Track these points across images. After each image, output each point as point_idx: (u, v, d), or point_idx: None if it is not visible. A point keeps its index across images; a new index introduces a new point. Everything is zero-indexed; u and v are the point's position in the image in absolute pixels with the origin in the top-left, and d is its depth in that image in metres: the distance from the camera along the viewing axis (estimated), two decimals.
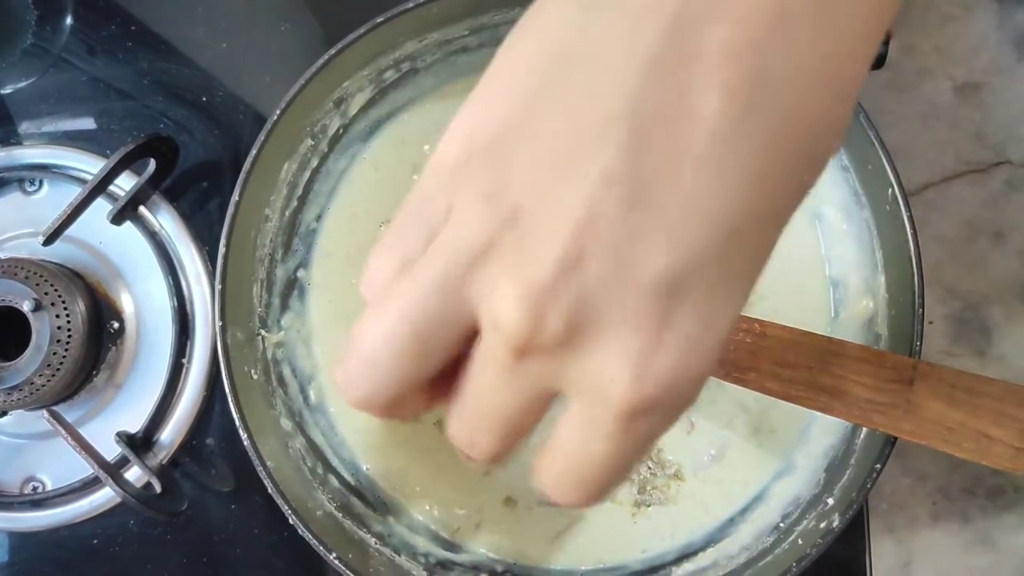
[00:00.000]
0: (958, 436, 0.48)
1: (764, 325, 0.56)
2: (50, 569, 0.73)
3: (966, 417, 0.47)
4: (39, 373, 0.66)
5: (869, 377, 0.51)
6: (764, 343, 0.55)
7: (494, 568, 0.66)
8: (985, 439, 0.47)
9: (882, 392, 0.50)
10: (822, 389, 0.53)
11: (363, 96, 0.66)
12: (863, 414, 0.52)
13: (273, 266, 0.67)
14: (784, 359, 0.54)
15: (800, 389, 0.53)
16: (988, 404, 0.47)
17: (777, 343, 0.55)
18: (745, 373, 0.55)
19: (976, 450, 0.47)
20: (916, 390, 0.49)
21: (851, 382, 0.52)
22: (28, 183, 0.75)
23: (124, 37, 0.77)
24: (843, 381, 0.52)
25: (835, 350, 0.53)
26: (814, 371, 0.53)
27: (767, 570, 0.58)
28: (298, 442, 0.65)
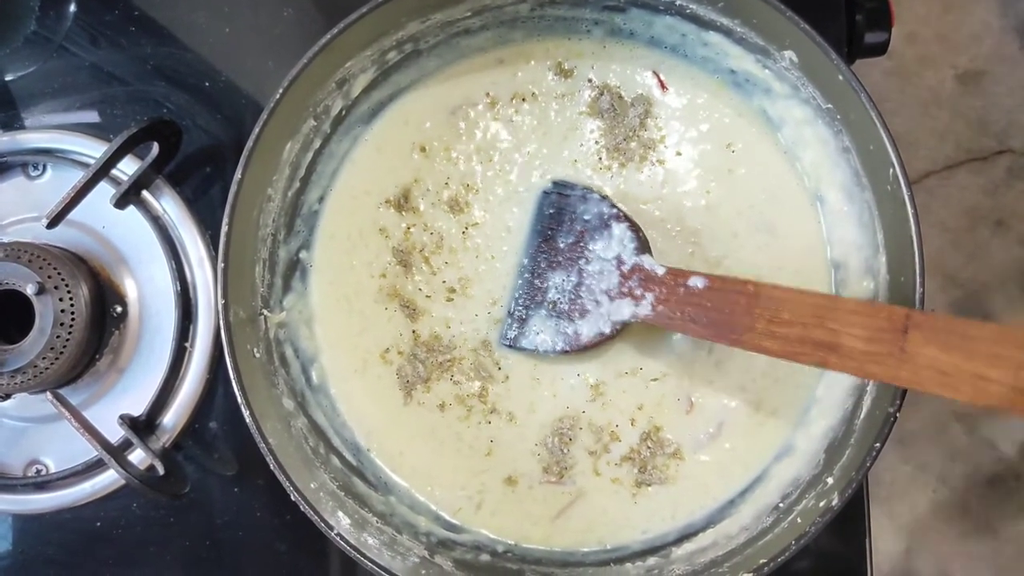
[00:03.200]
0: (954, 380, 0.48)
1: (757, 286, 0.56)
2: (54, 551, 0.74)
3: (961, 361, 0.48)
4: (42, 356, 0.67)
5: (863, 328, 0.52)
6: (758, 303, 0.56)
7: (495, 548, 0.66)
8: (981, 381, 0.47)
9: (877, 342, 0.51)
10: (818, 344, 0.53)
11: (366, 77, 0.67)
12: (859, 365, 0.52)
13: (275, 246, 0.67)
14: (779, 317, 0.55)
15: (796, 346, 0.54)
16: (983, 347, 0.47)
17: (771, 302, 0.55)
18: (741, 335, 0.56)
19: (973, 392, 0.47)
20: (910, 338, 0.50)
21: (846, 335, 0.52)
22: (32, 168, 0.75)
23: (126, 23, 0.77)
24: (838, 334, 0.52)
25: (829, 304, 0.54)
26: (809, 327, 0.53)
27: (767, 549, 0.58)
28: (300, 422, 0.65)
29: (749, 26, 0.61)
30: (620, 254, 0.63)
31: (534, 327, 0.66)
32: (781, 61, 0.61)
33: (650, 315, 0.61)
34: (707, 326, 0.58)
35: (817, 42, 0.57)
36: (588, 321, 0.64)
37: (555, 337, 0.65)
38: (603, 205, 0.64)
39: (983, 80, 0.84)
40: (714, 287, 0.58)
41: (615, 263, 0.63)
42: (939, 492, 0.86)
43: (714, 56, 0.65)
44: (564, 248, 0.65)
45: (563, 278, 0.65)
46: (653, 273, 0.61)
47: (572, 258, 0.65)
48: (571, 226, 0.65)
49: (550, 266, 0.66)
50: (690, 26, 0.64)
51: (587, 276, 0.64)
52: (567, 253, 0.65)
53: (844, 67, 0.56)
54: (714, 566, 0.61)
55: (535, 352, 0.67)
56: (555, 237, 0.66)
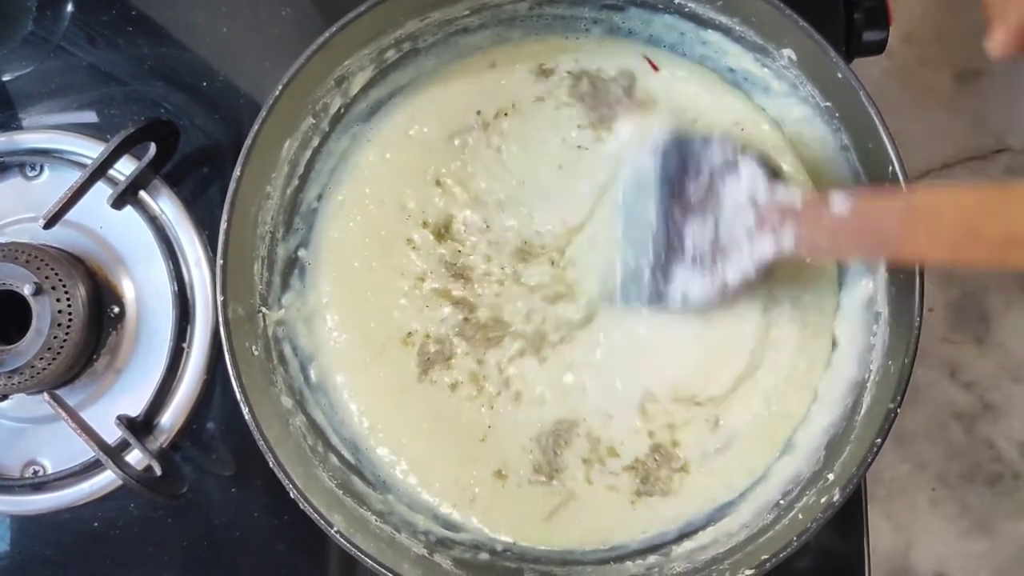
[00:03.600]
0: None
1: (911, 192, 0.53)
2: (51, 552, 0.74)
3: None
4: (40, 356, 0.67)
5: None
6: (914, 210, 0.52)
7: (494, 547, 0.66)
8: None
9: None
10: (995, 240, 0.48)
11: (364, 75, 0.67)
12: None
13: (274, 244, 0.67)
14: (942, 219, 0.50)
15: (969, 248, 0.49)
16: None
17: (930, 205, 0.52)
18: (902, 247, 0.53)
19: None
20: None
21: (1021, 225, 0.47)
22: (29, 168, 0.75)
23: (124, 23, 0.77)
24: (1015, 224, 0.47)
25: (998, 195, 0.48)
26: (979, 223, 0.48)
27: (768, 545, 0.58)
28: (298, 420, 0.65)
29: (748, 24, 0.61)
30: (753, 191, 0.60)
31: (678, 281, 0.63)
32: (780, 59, 0.61)
33: (795, 247, 0.58)
34: (860, 247, 0.56)
35: (816, 40, 0.57)
36: (732, 265, 0.61)
37: (703, 287, 0.62)
38: (726, 146, 0.61)
39: (981, 79, 0.85)
40: (860, 207, 0.54)
41: (750, 202, 0.60)
42: (938, 491, 0.86)
43: (712, 54, 0.65)
44: (695, 196, 0.62)
45: (699, 226, 0.62)
46: (791, 204, 0.58)
47: (705, 204, 0.62)
48: (698, 173, 0.62)
49: (684, 216, 0.62)
50: (689, 24, 0.64)
51: (724, 220, 0.61)
52: (700, 200, 0.62)
53: (843, 65, 0.56)
54: (715, 563, 0.61)
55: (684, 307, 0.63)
56: (685, 186, 0.63)
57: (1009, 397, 0.85)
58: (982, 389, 0.85)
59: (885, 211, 0.53)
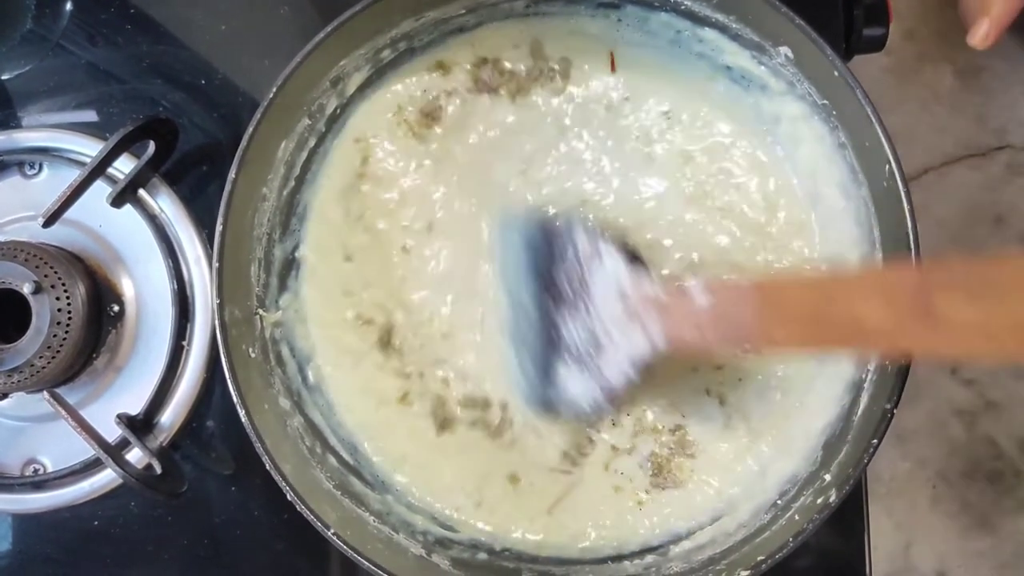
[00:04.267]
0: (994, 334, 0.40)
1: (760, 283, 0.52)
2: (52, 550, 0.74)
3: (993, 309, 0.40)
4: (39, 355, 0.67)
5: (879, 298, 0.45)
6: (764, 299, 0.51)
7: (492, 547, 0.66)
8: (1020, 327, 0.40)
9: (899, 309, 0.44)
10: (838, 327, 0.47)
11: (360, 76, 0.66)
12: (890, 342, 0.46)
13: (271, 246, 0.67)
14: (787, 309, 0.50)
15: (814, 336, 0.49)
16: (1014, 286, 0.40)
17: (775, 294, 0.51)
18: (758, 339, 0.51)
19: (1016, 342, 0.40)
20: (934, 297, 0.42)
21: (864, 309, 0.46)
22: (28, 166, 0.75)
23: (122, 21, 0.77)
24: (855, 310, 0.46)
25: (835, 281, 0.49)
26: (821, 311, 0.48)
27: (765, 546, 0.58)
28: (296, 421, 0.65)
29: (745, 22, 0.61)
30: (619, 281, 0.56)
31: (561, 383, 0.59)
32: (777, 57, 0.61)
33: (666, 343, 0.55)
34: (722, 338, 0.53)
35: (812, 38, 0.56)
36: (611, 365, 0.57)
37: (586, 390, 0.58)
38: (589, 235, 0.57)
39: (982, 76, 0.84)
40: (718, 298, 0.53)
41: (618, 293, 0.56)
42: (939, 488, 0.86)
43: (709, 52, 0.65)
44: (567, 285, 0.58)
45: (575, 319, 0.58)
46: (655, 295, 0.55)
47: (576, 297, 0.58)
48: (565, 263, 0.58)
49: (558, 307, 0.58)
50: (685, 22, 0.64)
51: (596, 313, 0.57)
52: (572, 290, 0.58)
53: (839, 63, 0.56)
54: (712, 563, 0.61)
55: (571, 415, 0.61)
56: (555, 278, 0.59)
57: (1010, 394, 0.85)
58: (983, 386, 0.85)
59: (738, 301, 0.52)
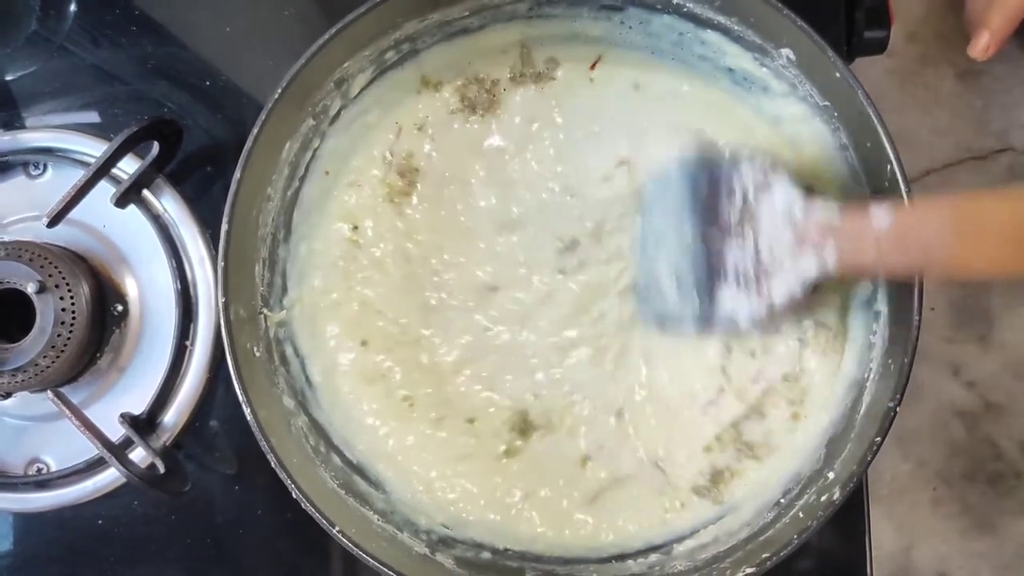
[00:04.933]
0: None
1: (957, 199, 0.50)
2: (55, 550, 0.74)
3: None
4: (43, 355, 0.67)
5: None
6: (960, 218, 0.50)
7: (496, 546, 0.66)
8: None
9: None
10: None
11: (364, 77, 0.67)
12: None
13: (275, 245, 0.67)
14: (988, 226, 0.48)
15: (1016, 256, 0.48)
16: None
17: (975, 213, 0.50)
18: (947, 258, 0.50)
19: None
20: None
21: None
22: (32, 167, 0.76)
23: (127, 23, 0.77)
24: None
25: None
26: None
27: (769, 544, 0.58)
28: (300, 420, 0.65)
29: (746, 24, 0.61)
30: (790, 210, 0.58)
31: (725, 304, 0.62)
32: (779, 59, 0.61)
33: (838, 265, 0.56)
34: (905, 260, 0.53)
35: (814, 40, 0.57)
36: (777, 286, 0.59)
37: (750, 309, 0.60)
38: (756, 166, 0.60)
39: (983, 79, 0.84)
40: (902, 219, 0.53)
41: (788, 220, 0.58)
42: (939, 490, 0.86)
43: (711, 55, 0.65)
44: (732, 218, 0.61)
45: (739, 248, 0.60)
46: (829, 220, 0.56)
47: (742, 226, 0.60)
48: (731, 194, 0.61)
49: (723, 238, 0.61)
50: (688, 25, 0.64)
51: (763, 241, 0.59)
52: (737, 222, 0.61)
53: (841, 64, 0.56)
54: (716, 561, 0.61)
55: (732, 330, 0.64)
56: (719, 209, 0.61)
57: (1011, 396, 0.85)
58: (984, 388, 0.85)
59: (929, 221, 0.51)
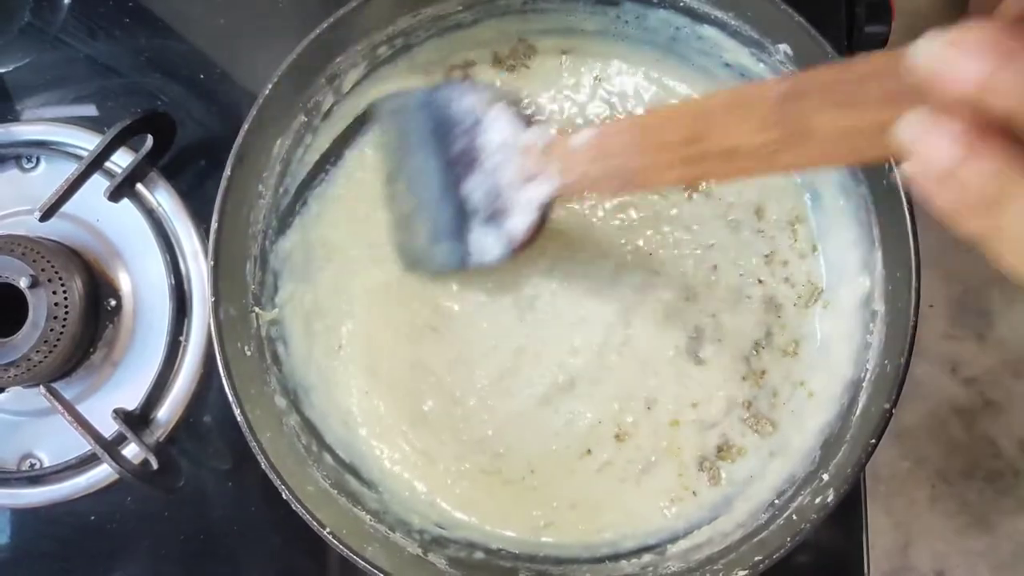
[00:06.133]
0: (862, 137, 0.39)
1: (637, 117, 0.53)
2: (48, 545, 0.74)
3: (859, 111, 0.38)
4: (36, 349, 0.66)
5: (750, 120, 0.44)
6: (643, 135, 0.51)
7: (489, 546, 0.66)
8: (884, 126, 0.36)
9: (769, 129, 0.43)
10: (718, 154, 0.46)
11: (356, 72, 0.66)
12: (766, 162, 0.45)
13: (267, 243, 0.66)
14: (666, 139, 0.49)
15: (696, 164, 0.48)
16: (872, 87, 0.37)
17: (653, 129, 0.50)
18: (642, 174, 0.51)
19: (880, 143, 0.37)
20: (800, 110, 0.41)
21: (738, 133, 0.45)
22: (25, 160, 0.75)
23: (121, 15, 0.77)
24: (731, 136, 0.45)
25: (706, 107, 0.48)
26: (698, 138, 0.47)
27: (762, 546, 0.58)
28: (292, 419, 0.65)
29: (743, 19, 0.61)
30: (510, 136, 0.58)
31: (476, 240, 0.62)
32: (776, 55, 0.61)
33: (562, 185, 0.57)
34: (611, 178, 0.53)
35: (811, 35, 0.56)
36: (517, 214, 0.59)
37: (497, 241, 0.61)
38: (471, 92, 0.60)
39: None
40: (599, 134, 0.54)
41: (511, 147, 0.59)
42: (937, 488, 0.86)
43: (708, 50, 0.65)
44: (461, 152, 0.61)
45: (474, 181, 0.61)
46: (547, 143, 0.57)
47: (472, 159, 0.61)
48: (457, 128, 0.61)
49: (458, 173, 0.61)
50: (684, 19, 0.64)
51: (496, 171, 0.59)
52: (466, 156, 0.61)
53: (839, 60, 0.55)
54: (709, 563, 0.61)
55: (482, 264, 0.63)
56: (450, 144, 0.62)
57: (1009, 394, 0.85)
58: (982, 386, 0.85)
59: (618, 136, 0.53)
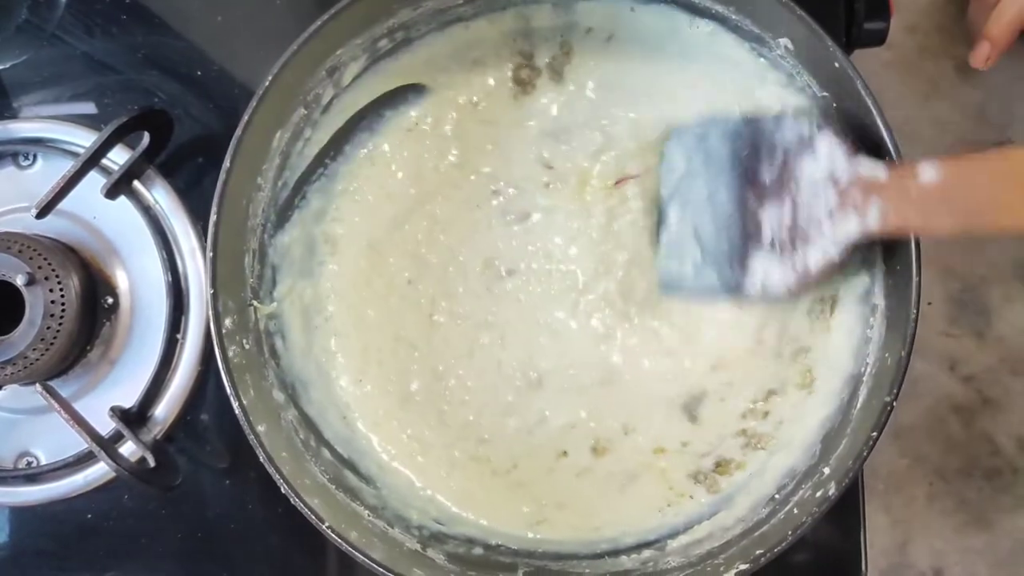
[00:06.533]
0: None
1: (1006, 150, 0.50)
2: (46, 543, 0.73)
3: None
4: (32, 347, 0.66)
5: None
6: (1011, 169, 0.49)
7: (488, 541, 0.66)
8: None
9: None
10: None
11: (357, 65, 0.66)
12: None
13: (265, 236, 0.66)
14: None
15: None
16: None
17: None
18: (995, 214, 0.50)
19: None
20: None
21: None
22: (22, 157, 0.75)
23: (118, 11, 0.77)
24: None
25: None
26: None
27: (763, 540, 0.58)
28: (291, 414, 0.65)
29: (743, 13, 0.61)
30: (832, 168, 0.56)
31: (757, 269, 0.60)
32: (776, 49, 0.61)
33: (881, 224, 0.54)
34: (953, 217, 0.51)
35: (812, 29, 0.56)
36: (814, 250, 0.57)
37: (783, 274, 0.59)
38: (801, 124, 0.58)
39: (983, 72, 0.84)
40: (951, 174, 0.51)
41: (830, 179, 0.56)
42: (936, 485, 0.86)
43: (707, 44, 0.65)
44: (770, 178, 0.59)
45: (776, 210, 0.58)
46: (874, 177, 0.54)
47: (781, 189, 0.58)
48: (772, 156, 0.59)
49: (760, 201, 0.59)
50: (682, 14, 0.64)
51: (802, 202, 0.57)
52: (775, 183, 0.59)
53: (840, 54, 0.55)
54: (710, 558, 0.61)
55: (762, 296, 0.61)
56: (758, 172, 0.60)
57: (1008, 391, 0.85)
58: (981, 383, 0.85)
59: (978, 176, 0.50)
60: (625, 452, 0.67)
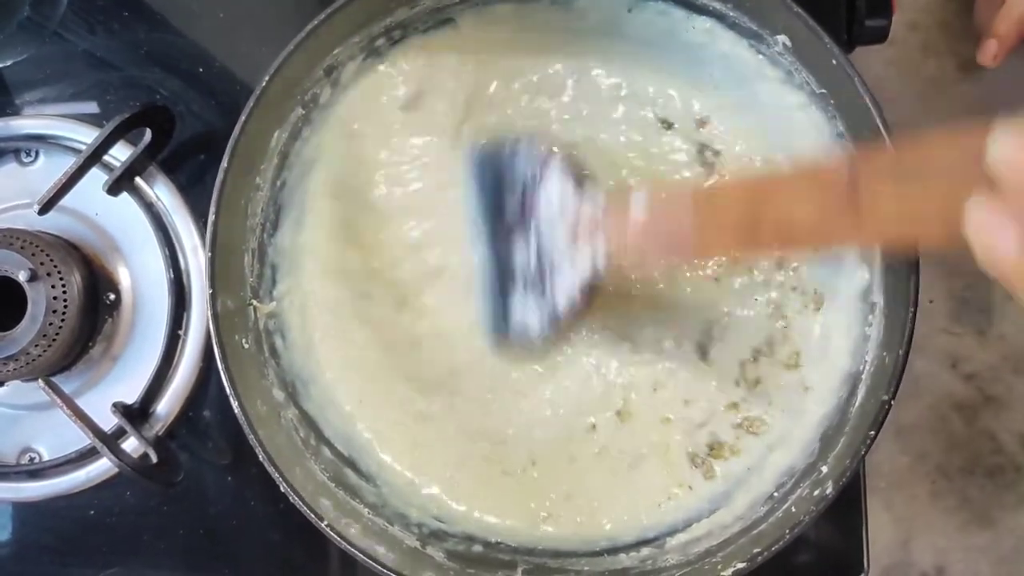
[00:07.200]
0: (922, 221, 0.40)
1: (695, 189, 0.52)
2: (48, 539, 0.74)
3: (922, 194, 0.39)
4: (35, 343, 0.67)
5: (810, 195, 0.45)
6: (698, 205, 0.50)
7: (487, 539, 0.66)
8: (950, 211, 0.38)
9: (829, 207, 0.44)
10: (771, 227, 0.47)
11: (355, 65, 0.66)
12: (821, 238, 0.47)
13: (265, 236, 0.66)
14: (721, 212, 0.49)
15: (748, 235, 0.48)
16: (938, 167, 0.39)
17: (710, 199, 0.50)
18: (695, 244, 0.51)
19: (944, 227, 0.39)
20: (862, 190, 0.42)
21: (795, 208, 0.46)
22: (24, 154, 0.75)
23: (120, 8, 0.77)
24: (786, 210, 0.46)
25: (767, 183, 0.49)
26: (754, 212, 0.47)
27: (761, 538, 0.58)
28: (290, 412, 0.65)
29: (741, 10, 0.60)
30: (563, 202, 0.54)
31: (516, 311, 0.57)
32: (774, 46, 0.61)
33: (607, 262, 0.53)
34: (661, 248, 0.52)
35: (810, 26, 0.56)
36: (560, 290, 0.55)
37: (538, 317, 0.56)
38: (532, 152, 0.56)
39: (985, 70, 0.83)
40: (655, 207, 0.51)
41: (563, 214, 0.54)
42: (938, 483, 0.86)
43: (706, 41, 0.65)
44: (513, 212, 0.56)
45: (523, 247, 0.56)
46: (595, 213, 0.53)
47: (524, 222, 0.56)
48: (512, 186, 0.56)
49: (507, 237, 0.57)
50: (680, 11, 0.64)
51: (544, 238, 0.55)
52: (518, 217, 0.56)
53: (838, 51, 0.55)
54: (708, 556, 0.61)
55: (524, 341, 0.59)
56: (503, 203, 0.57)
57: (1010, 389, 0.84)
58: (983, 381, 0.84)
59: (675, 210, 0.51)
60: (643, 420, 0.67)
